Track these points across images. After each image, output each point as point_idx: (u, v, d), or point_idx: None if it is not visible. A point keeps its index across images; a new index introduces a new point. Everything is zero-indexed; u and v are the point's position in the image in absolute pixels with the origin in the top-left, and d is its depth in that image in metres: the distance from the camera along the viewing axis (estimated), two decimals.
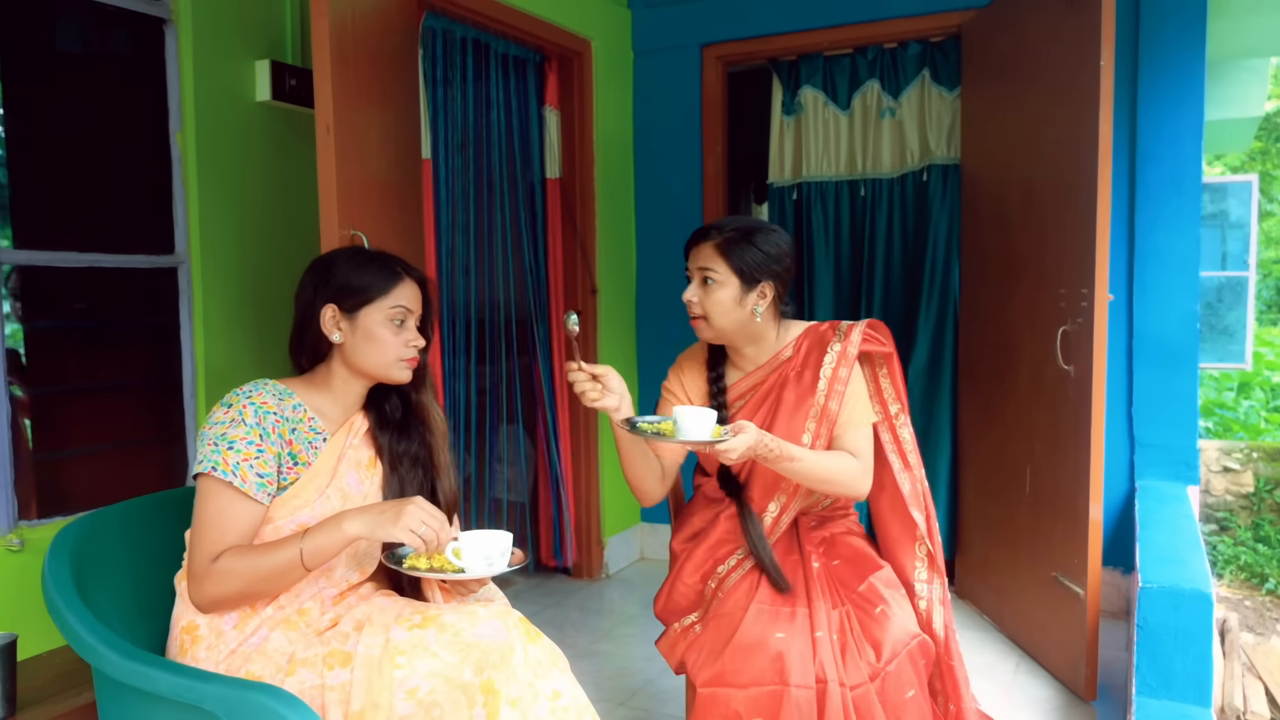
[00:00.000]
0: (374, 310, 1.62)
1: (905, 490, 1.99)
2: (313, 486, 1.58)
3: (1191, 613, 2.25)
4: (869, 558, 1.97)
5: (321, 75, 2.11)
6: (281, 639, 1.52)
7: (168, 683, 1.38)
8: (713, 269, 1.90)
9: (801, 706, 1.69)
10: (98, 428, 2.57)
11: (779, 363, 1.98)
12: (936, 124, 3.62)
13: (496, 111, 3.59)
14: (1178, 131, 3.19)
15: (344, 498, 1.61)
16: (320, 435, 1.61)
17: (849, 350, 1.93)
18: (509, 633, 1.47)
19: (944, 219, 3.59)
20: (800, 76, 3.82)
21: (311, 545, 1.47)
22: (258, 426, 1.52)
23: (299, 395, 1.62)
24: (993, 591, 3.28)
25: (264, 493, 1.52)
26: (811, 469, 1.83)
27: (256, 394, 1.56)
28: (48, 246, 2.35)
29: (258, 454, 1.51)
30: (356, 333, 1.62)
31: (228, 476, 1.48)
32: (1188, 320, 3.22)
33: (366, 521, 1.47)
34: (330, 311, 1.62)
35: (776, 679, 1.71)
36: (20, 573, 2.19)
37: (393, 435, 1.70)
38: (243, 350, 2.65)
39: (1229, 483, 5.63)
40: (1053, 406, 2.84)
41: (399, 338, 1.64)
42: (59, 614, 1.49)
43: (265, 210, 2.69)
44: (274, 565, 1.47)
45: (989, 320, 3.32)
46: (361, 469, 1.66)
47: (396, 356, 1.64)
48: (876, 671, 1.76)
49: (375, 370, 1.64)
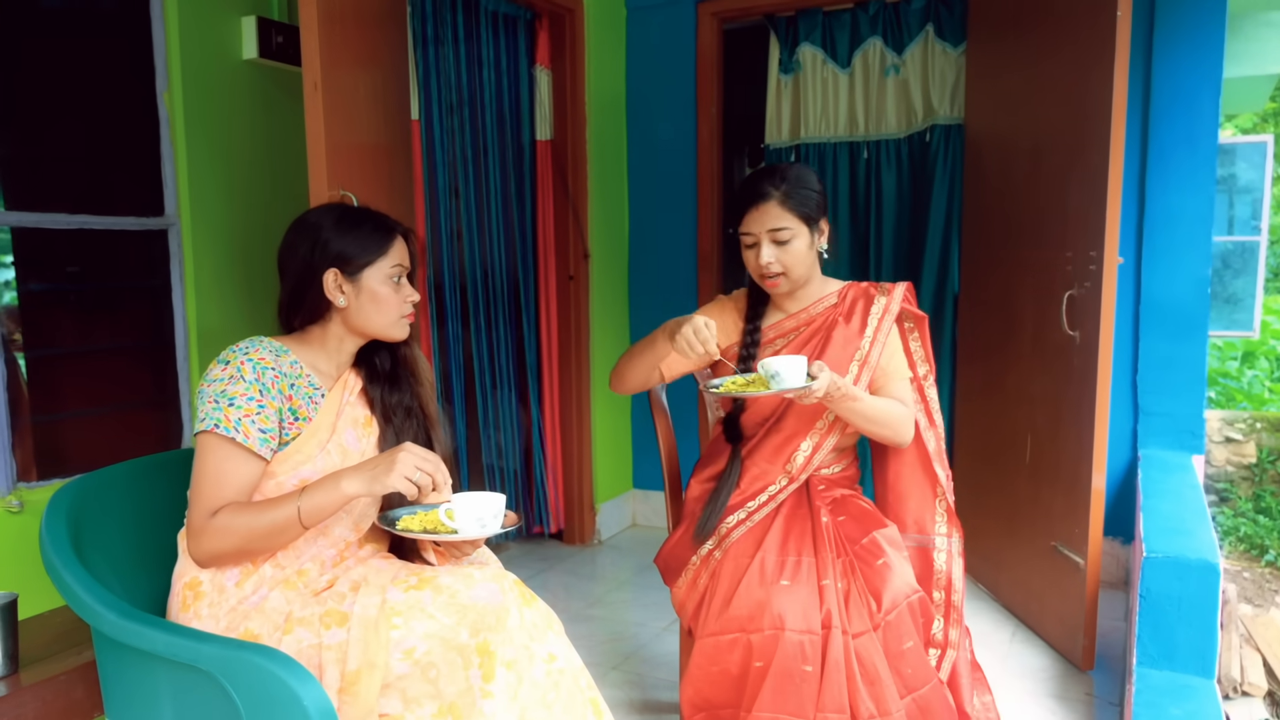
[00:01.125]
0: (375, 271, 1.63)
1: (930, 447, 2.08)
2: (314, 441, 1.59)
3: (1197, 583, 2.22)
4: (874, 516, 2.00)
5: (309, 32, 2.07)
6: (280, 599, 1.53)
7: (165, 642, 1.39)
8: (784, 225, 1.93)
9: (799, 649, 1.74)
10: (93, 390, 2.57)
11: (825, 306, 2.04)
12: (940, 82, 3.54)
13: (487, 71, 3.52)
14: (1195, 87, 3.09)
15: (344, 454, 1.62)
16: (319, 391, 1.62)
17: (892, 306, 2.02)
18: (505, 595, 1.48)
19: (946, 181, 3.52)
20: (799, 34, 3.73)
21: (310, 503, 1.47)
22: (257, 382, 1.52)
23: (295, 352, 1.63)
24: (989, 560, 3.27)
25: (266, 448, 1.52)
26: (869, 409, 1.91)
27: (254, 350, 1.55)
28: (38, 209, 2.31)
29: (259, 409, 1.51)
30: (361, 295, 1.63)
31: (230, 433, 1.49)
32: (1198, 285, 3.15)
33: (363, 478, 1.47)
34: (332, 276, 1.61)
35: (773, 625, 1.76)
36: (19, 534, 2.21)
37: (384, 388, 1.71)
38: (234, 311, 2.63)
39: (1230, 453, 5.60)
40: (1056, 373, 2.80)
41: (399, 295, 1.65)
42: (57, 574, 1.51)
43: (254, 170, 2.65)
44: (272, 522, 1.47)
45: (991, 286, 3.26)
46: (359, 426, 1.67)
47: (399, 314, 1.66)
48: (877, 622, 1.80)
49: (379, 330, 1.65)
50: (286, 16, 2.69)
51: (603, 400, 3.92)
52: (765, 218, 1.93)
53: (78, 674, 1.96)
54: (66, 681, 1.94)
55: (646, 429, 4.08)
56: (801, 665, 1.74)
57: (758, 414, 2.06)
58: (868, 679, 1.75)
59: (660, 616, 3.13)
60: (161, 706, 1.46)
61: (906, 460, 2.09)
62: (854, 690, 1.75)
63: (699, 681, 1.88)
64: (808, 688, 1.74)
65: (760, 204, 1.93)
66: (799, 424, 2.02)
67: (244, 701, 1.32)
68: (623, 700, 2.54)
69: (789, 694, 1.74)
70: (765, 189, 1.93)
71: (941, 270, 3.55)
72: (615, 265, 4.01)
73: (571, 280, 3.73)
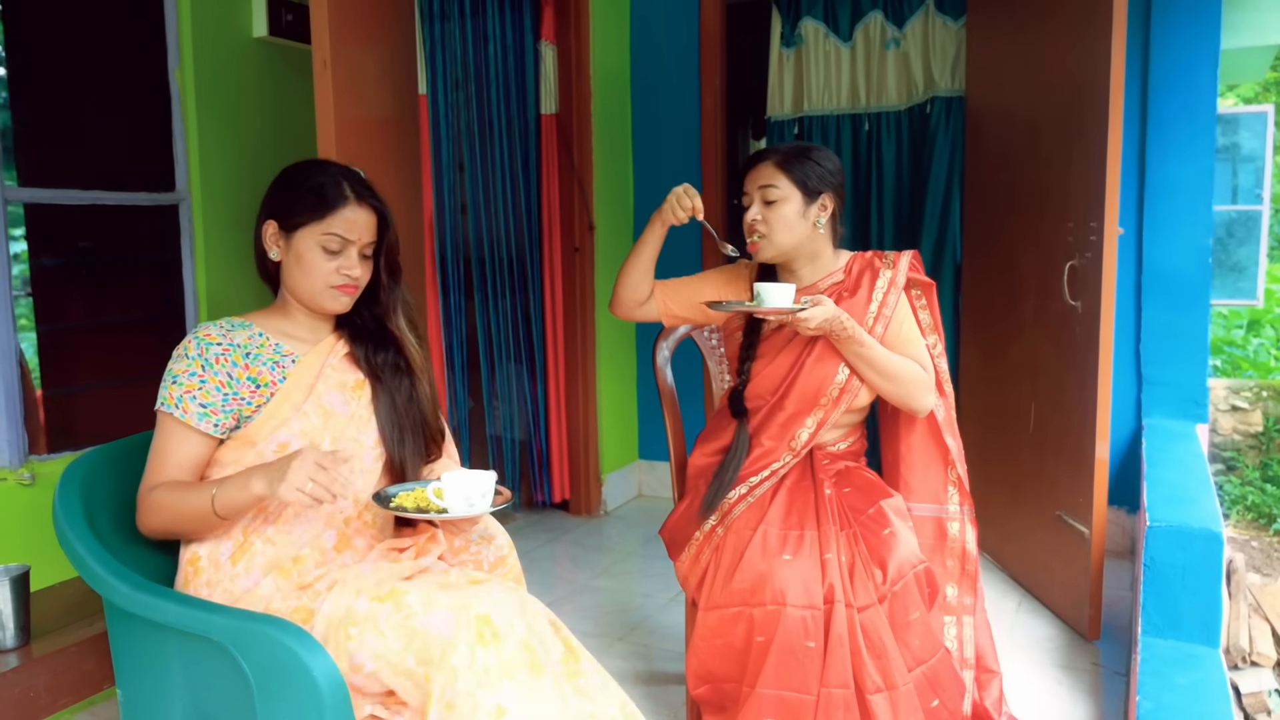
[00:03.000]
0: (308, 234, 1.56)
1: (940, 416, 2.05)
2: (288, 404, 1.56)
3: (1200, 552, 2.23)
4: (880, 487, 2.00)
5: (318, 9, 2.08)
6: (270, 586, 1.52)
7: (176, 613, 1.40)
8: (774, 184, 1.94)
9: (801, 625, 1.75)
10: (103, 363, 2.60)
11: (831, 283, 2.04)
12: (941, 55, 3.54)
13: (493, 46, 3.52)
14: (1192, 59, 3.10)
15: (326, 416, 1.59)
16: (288, 358, 1.59)
17: (898, 279, 2.00)
18: (457, 630, 1.36)
19: (947, 152, 3.53)
20: (800, 7, 3.73)
21: (223, 496, 1.45)
22: (199, 358, 1.52)
23: (259, 324, 1.61)
24: (994, 530, 3.30)
25: (208, 422, 1.51)
26: (879, 357, 1.91)
27: (203, 330, 1.56)
28: (51, 185, 2.34)
29: (200, 385, 1.51)
30: (290, 254, 1.58)
31: (170, 409, 1.50)
32: (1200, 255, 3.17)
33: (268, 479, 1.41)
34: (270, 228, 1.59)
35: (774, 599, 1.76)
36: (31, 506, 2.23)
37: (369, 347, 1.66)
38: (243, 286, 2.66)
39: (1237, 422, 5.61)
40: (1058, 343, 2.82)
41: (330, 264, 1.57)
42: (70, 546, 1.52)
43: (263, 146, 2.67)
44: (191, 509, 1.47)
45: (993, 255, 3.28)
46: (346, 390, 1.63)
47: (324, 284, 1.58)
48: (883, 594, 1.80)
49: (305, 296, 1.59)
50: None
51: (608, 371, 3.95)
52: (758, 175, 1.97)
53: (89, 645, 1.98)
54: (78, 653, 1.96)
55: (652, 400, 4.11)
56: (804, 641, 1.74)
57: (763, 387, 2.05)
58: (874, 652, 1.75)
59: (666, 587, 3.17)
60: (172, 677, 1.47)
61: (918, 431, 2.08)
62: (859, 664, 1.74)
63: (703, 654, 1.88)
64: (810, 663, 1.74)
65: (758, 163, 1.99)
66: (802, 401, 2.01)
67: (254, 672, 1.32)
68: (629, 671, 2.57)
69: (792, 670, 1.75)
70: (765, 152, 1.99)
71: (941, 239, 3.56)
72: (621, 237, 4.03)
73: (577, 252, 3.75)
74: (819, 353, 1.98)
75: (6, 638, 1.93)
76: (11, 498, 2.20)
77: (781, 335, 2.04)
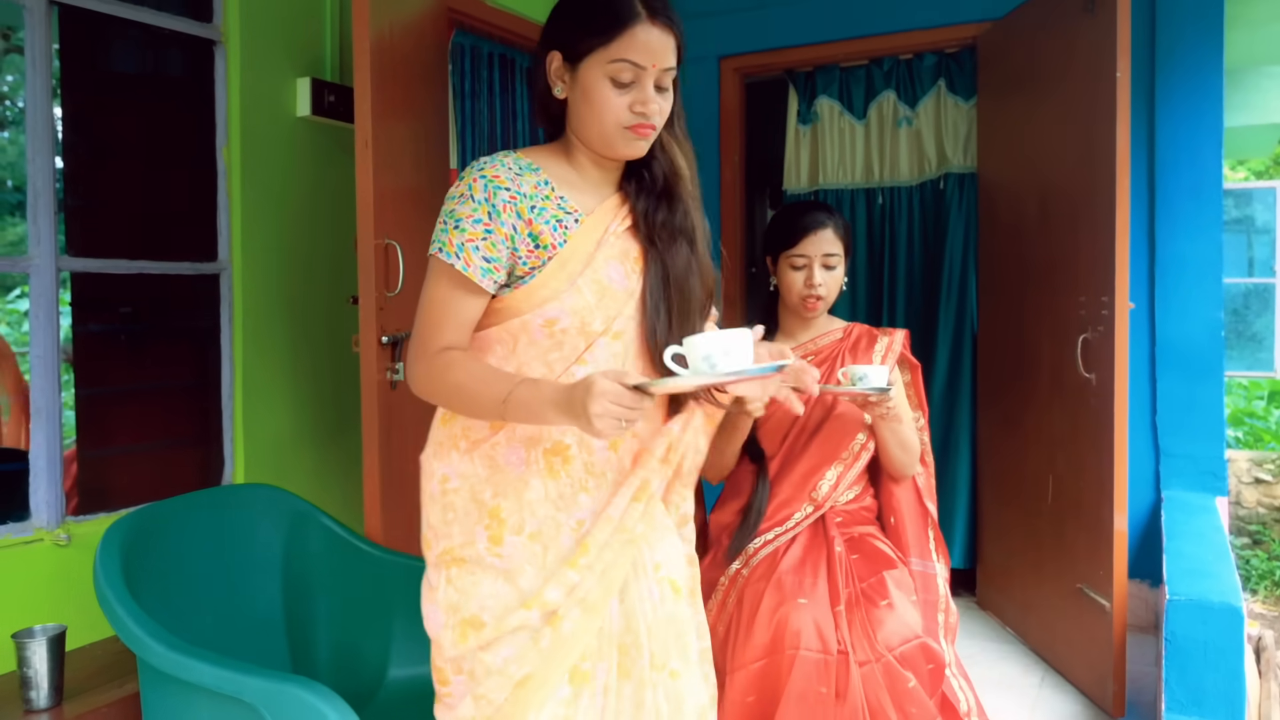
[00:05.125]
0: (594, 62, 1.32)
1: (921, 484, 2.18)
2: (563, 275, 1.35)
3: (1221, 627, 2.22)
4: (886, 557, 2.05)
5: (362, 93, 2.19)
6: (539, 488, 1.35)
7: (210, 674, 1.43)
8: (835, 252, 2.11)
9: (815, 669, 1.77)
10: (138, 427, 2.66)
11: (831, 340, 2.18)
12: (953, 133, 3.65)
13: (521, 123, 3.66)
14: (1197, 139, 3.19)
15: (600, 291, 1.36)
16: (571, 215, 1.37)
17: (895, 347, 2.15)
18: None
19: (961, 227, 3.61)
20: (816, 87, 3.86)
21: (517, 405, 1.24)
22: (486, 203, 1.32)
23: (545, 170, 1.38)
24: (1015, 603, 3.28)
25: (490, 279, 1.33)
26: (906, 432, 2.06)
27: (490, 166, 1.34)
28: (100, 254, 2.45)
29: (485, 234, 1.31)
30: (575, 89, 1.36)
31: (450, 258, 1.31)
32: (1212, 327, 3.21)
33: (569, 415, 1.20)
34: (555, 60, 1.37)
35: (791, 644, 1.80)
36: (66, 566, 2.27)
37: (651, 202, 1.43)
38: (280, 354, 2.73)
39: (1261, 494, 5.54)
40: (1074, 415, 2.85)
41: (621, 99, 1.33)
42: (109, 606, 1.56)
43: (302, 220, 2.77)
44: (481, 399, 1.28)
45: (1007, 328, 3.33)
46: (628, 261, 1.41)
47: (617, 123, 1.34)
48: (880, 655, 1.84)
49: (594, 139, 1.37)
50: (338, 77, 2.83)
51: None
52: (822, 243, 2.10)
53: (120, 706, 1.98)
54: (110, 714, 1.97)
55: None
56: (817, 686, 1.76)
57: (776, 428, 2.12)
58: (872, 710, 1.77)
59: None
60: None
61: (904, 495, 2.18)
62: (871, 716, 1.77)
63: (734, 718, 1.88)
64: (823, 710, 1.75)
65: (819, 230, 2.11)
66: (822, 455, 2.09)
67: None
68: None
69: (804, 716, 1.75)
70: (822, 218, 2.12)
71: (959, 311, 3.63)
72: None
73: None
74: (838, 414, 2.08)
75: (40, 698, 1.95)
76: (48, 558, 2.25)
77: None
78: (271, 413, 2.71)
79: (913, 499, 2.19)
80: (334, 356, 2.86)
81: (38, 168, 2.26)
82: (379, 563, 2.02)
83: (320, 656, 2.03)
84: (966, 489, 3.60)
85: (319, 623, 2.04)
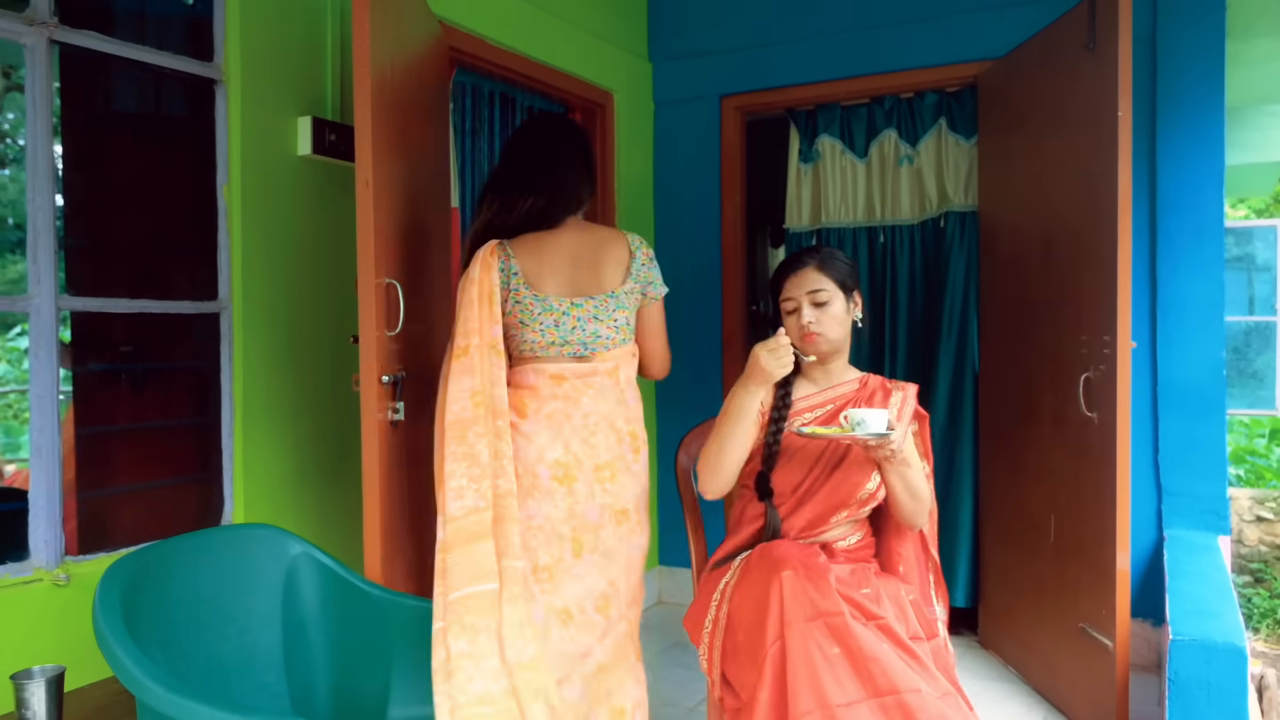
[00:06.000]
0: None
1: (926, 531, 2.20)
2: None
3: (1225, 667, 2.22)
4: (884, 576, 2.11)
5: (362, 132, 2.18)
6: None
7: (210, 716, 1.43)
8: (822, 287, 2.12)
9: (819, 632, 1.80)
10: (139, 466, 2.65)
11: (849, 389, 2.19)
12: (954, 172, 3.68)
13: None
14: (1198, 177, 3.22)
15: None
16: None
17: (909, 400, 2.17)
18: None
19: (962, 265, 3.63)
20: (818, 126, 3.90)
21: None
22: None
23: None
24: (1018, 642, 3.26)
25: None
26: (914, 478, 2.05)
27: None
28: (100, 293, 2.45)
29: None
30: None
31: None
32: (1213, 367, 3.21)
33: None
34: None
35: (780, 618, 1.82)
36: (65, 607, 2.25)
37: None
38: (281, 393, 2.73)
39: (1263, 533, 5.52)
40: (1076, 454, 2.84)
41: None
42: (108, 647, 1.55)
43: (303, 258, 2.78)
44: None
45: (1009, 367, 3.33)
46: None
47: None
48: (874, 615, 1.91)
49: None
50: (339, 116, 2.86)
51: None
52: (804, 281, 2.12)
53: None
54: None
55: (673, 505, 4.12)
56: (828, 649, 1.77)
57: (790, 476, 2.13)
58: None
59: (689, 695, 3.13)
60: None
61: (908, 544, 2.21)
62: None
63: None
64: (839, 669, 1.75)
65: (799, 270, 2.14)
66: (828, 506, 2.10)
67: None
68: None
69: (815, 681, 1.74)
70: (803, 258, 2.15)
71: (960, 349, 3.63)
72: None
73: None
74: (850, 460, 2.08)
75: None
76: (47, 598, 2.24)
77: (820, 419, 2.14)
78: (272, 452, 2.71)
79: (917, 548, 2.21)
80: (335, 396, 2.85)
81: (38, 206, 2.27)
82: (379, 603, 2.01)
83: (320, 697, 2.01)
84: (968, 528, 3.58)
85: (319, 663, 2.02)
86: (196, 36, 2.60)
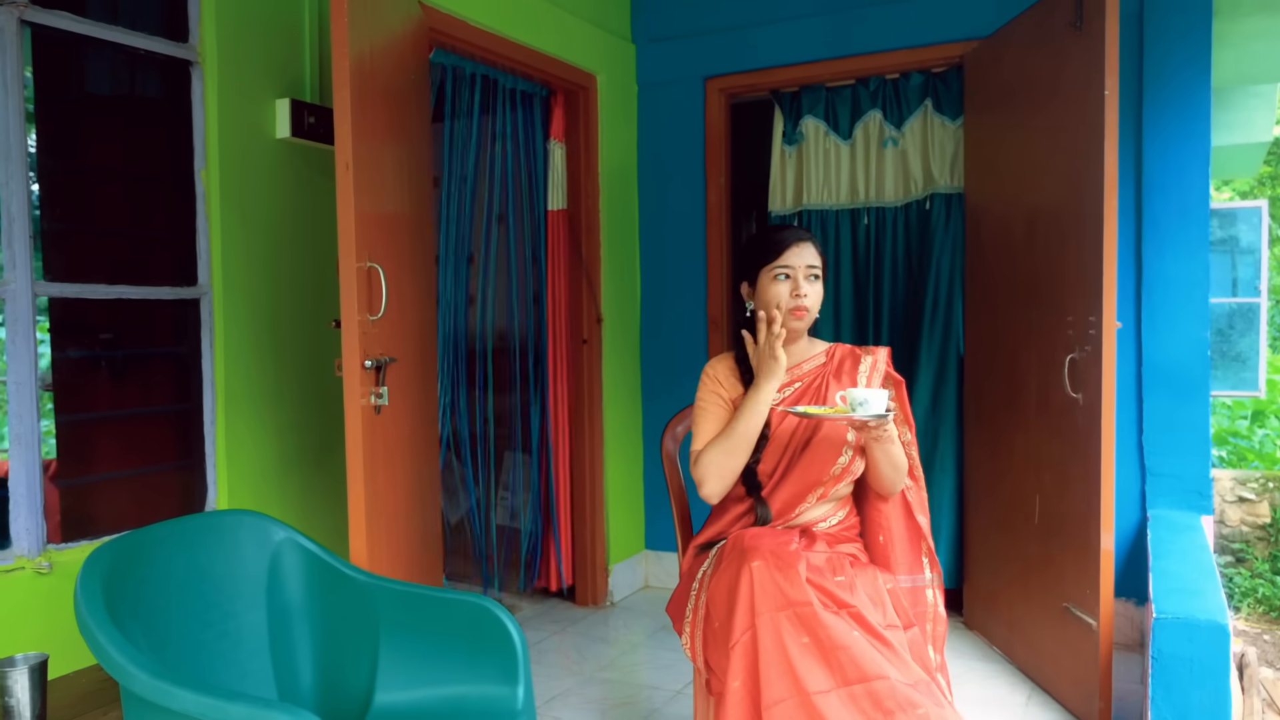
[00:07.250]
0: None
1: (912, 499, 2.20)
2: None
3: (1208, 644, 2.23)
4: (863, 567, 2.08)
5: (342, 115, 2.16)
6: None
7: (194, 702, 1.43)
8: (816, 264, 2.14)
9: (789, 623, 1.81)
10: (120, 453, 2.63)
11: (815, 365, 2.19)
12: (939, 153, 3.67)
13: (502, 144, 3.67)
14: (1184, 158, 3.22)
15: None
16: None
17: (879, 365, 2.17)
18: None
19: (947, 247, 3.62)
20: (802, 107, 3.87)
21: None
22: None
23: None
24: (1002, 622, 3.27)
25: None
26: (896, 452, 2.06)
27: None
28: (78, 279, 2.42)
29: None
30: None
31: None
32: (1198, 347, 3.23)
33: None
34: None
35: (750, 607, 1.83)
36: (48, 594, 2.25)
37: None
38: (262, 379, 2.71)
39: (1245, 513, 5.58)
40: (1061, 435, 2.85)
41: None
42: (90, 633, 1.55)
43: (284, 243, 2.76)
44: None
45: (994, 349, 3.34)
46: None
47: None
48: (845, 603, 1.89)
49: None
50: (318, 98, 2.83)
51: (615, 462, 3.98)
52: (805, 254, 2.12)
53: None
54: None
55: (659, 490, 4.12)
56: (798, 639, 1.76)
57: (766, 461, 2.14)
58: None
59: (674, 679, 3.14)
60: None
61: (894, 513, 2.20)
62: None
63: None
64: (807, 658, 1.75)
65: (801, 242, 2.13)
66: (804, 483, 2.10)
67: None
68: None
69: (788, 667, 1.74)
70: (800, 233, 2.15)
71: (945, 332, 3.63)
72: (628, 328, 4.11)
73: (585, 344, 3.82)
74: (820, 438, 2.08)
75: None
76: (29, 586, 2.22)
77: (789, 399, 2.14)
78: (254, 438, 2.69)
79: (901, 515, 2.20)
80: (317, 381, 2.84)
81: (12, 191, 2.23)
82: (364, 588, 2.00)
83: (305, 682, 2.01)
84: (952, 509, 3.60)
85: (303, 649, 2.02)
86: (171, 16, 2.56)
